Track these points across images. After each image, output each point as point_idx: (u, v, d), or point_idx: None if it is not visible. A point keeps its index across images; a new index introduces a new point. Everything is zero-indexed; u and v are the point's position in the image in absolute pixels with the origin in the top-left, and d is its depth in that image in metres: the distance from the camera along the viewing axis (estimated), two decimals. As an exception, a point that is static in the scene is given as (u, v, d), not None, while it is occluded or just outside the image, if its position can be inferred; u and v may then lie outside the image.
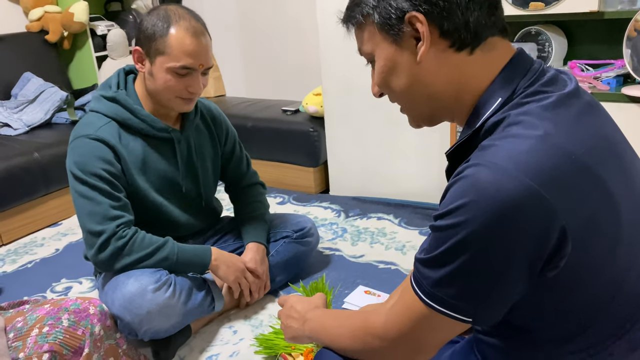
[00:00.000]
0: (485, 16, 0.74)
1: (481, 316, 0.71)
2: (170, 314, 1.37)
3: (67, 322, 1.20)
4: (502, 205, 0.62)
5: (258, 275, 1.58)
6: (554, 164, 0.65)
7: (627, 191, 0.71)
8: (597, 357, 0.74)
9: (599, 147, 0.69)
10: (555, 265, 0.67)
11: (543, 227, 0.64)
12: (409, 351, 0.79)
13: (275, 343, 1.40)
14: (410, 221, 2.19)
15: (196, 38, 1.34)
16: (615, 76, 1.77)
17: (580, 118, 0.70)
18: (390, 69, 0.80)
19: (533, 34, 1.97)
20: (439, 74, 0.77)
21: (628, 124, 1.65)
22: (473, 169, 0.66)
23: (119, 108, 1.41)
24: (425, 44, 0.74)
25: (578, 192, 0.65)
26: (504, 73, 0.75)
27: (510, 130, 0.68)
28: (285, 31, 3.03)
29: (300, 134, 2.52)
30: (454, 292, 0.69)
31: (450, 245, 0.67)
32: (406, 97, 0.82)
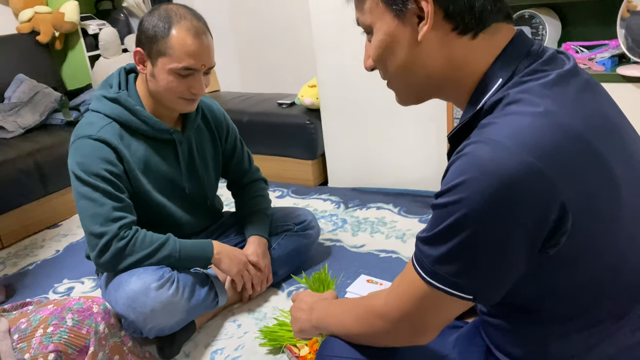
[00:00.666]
0: (491, 2, 0.73)
1: (482, 294, 0.71)
2: (174, 311, 1.37)
3: (71, 322, 1.20)
4: (502, 182, 0.63)
5: (260, 268, 1.58)
6: (554, 140, 0.65)
7: (628, 169, 0.71)
8: (601, 336, 0.74)
9: (599, 124, 0.70)
10: (557, 242, 0.67)
11: (543, 202, 0.64)
12: (411, 331, 0.79)
13: (279, 335, 1.41)
14: (410, 209, 2.19)
15: (198, 38, 1.33)
16: (610, 57, 1.76)
17: (579, 95, 0.70)
18: (388, 44, 0.78)
19: (527, 17, 1.97)
20: (438, 56, 0.76)
21: (625, 103, 1.65)
22: (473, 146, 0.66)
23: (121, 109, 1.40)
24: (428, 24, 0.73)
25: (578, 169, 0.65)
26: (504, 54, 0.75)
27: (510, 108, 0.68)
28: (278, 24, 3.02)
29: (297, 126, 2.51)
30: (455, 270, 0.69)
31: (451, 222, 0.67)
32: (400, 74, 0.80)
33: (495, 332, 0.85)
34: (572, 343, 0.75)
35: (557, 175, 0.63)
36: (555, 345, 0.77)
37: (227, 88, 3.37)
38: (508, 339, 0.83)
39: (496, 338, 0.85)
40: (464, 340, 0.93)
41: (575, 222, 0.66)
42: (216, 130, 1.63)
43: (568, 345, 0.76)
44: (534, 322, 0.77)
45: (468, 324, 1.00)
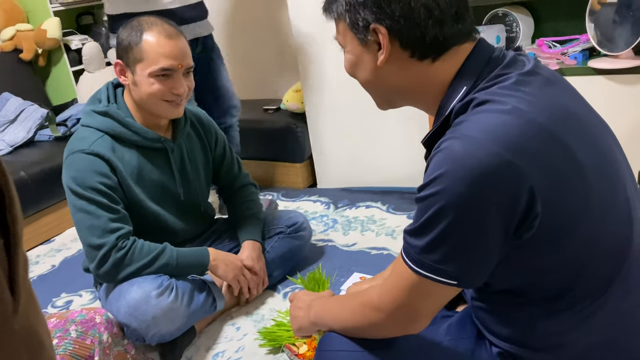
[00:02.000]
0: (446, 31, 0.81)
1: (465, 278, 0.77)
2: (175, 317, 1.41)
3: (75, 333, 1.23)
4: (474, 172, 0.70)
5: (255, 272, 1.62)
6: (519, 131, 0.72)
7: (591, 152, 0.77)
8: (586, 312, 0.79)
9: (561, 116, 0.76)
10: (530, 225, 0.73)
11: (513, 189, 0.71)
12: (404, 319, 0.85)
13: (278, 335, 1.45)
14: (398, 206, 2.25)
15: (170, 39, 1.38)
16: (581, 50, 1.84)
17: (541, 91, 0.78)
18: (355, 63, 0.90)
19: (500, 15, 2.03)
20: (399, 77, 0.86)
21: (597, 95, 1.72)
22: (448, 142, 0.73)
23: (112, 122, 1.44)
24: (384, 54, 0.83)
25: (543, 155, 0.72)
26: (466, 66, 0.82)
27: (479, 107, 0.76)
28: (260, 30, 3.06)
29: (284, 131, 2.56)
30: (438, 257, 0.75)
31: (432, 212, 0.73)
32: (368, 87, 0.92)
33: (485, 315, 0.90)
34: (558, 321, 0.81)
35: (524, 163, 0.70)
36: (542, 324, 0.82)
37: (212, 96, 3.40)
38: (497, 321, 0.88)
39: (485, 320, 0.90)
40: (455, 328, 0.99)
41: (545, 206, 0.72)
42: (205, 137, 1.66)
43: (554, 324, 0.81)
44: (520, 303, 0.83)
45: (458, 313, 1.05)
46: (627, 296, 0.81)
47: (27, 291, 0.36)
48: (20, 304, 0.34)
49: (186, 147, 1.59)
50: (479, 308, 0.92)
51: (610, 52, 1.73)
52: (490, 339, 0.90)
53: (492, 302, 0.88)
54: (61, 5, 3.06)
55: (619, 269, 0.79)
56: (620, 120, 1.71)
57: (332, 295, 1.14)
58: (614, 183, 0.80)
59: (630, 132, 1.72)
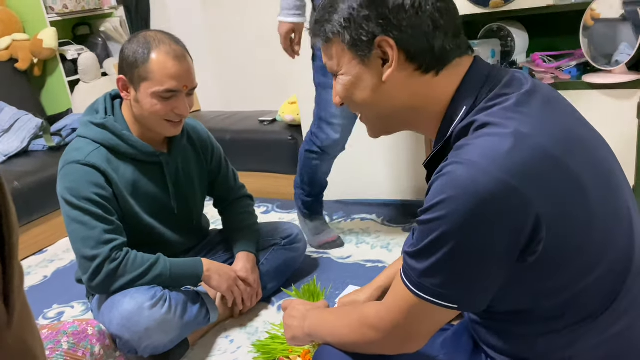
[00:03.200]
0: (450, 41, 0.80)
1: (465, 303, 0.76)
2: (168, 329, 1.39)
3: (67, 345, 1.22)
4: (478, 199, 0.68)
5: (250, 284, 1.61)
6: (524, 157, 0.70)
7: (594, 175, 0.77)
8: (586, 329, 0.79)
9: (563, 137, 0.75)
10: (534, 250, 0.72)
11: (517, 216, 0.69)
12: (401, 340, 0.84)
13: (272, 348, 1.44)
14: (393, 219, 2.25)
15: (177, 61, 1.37)
16: (575, 65, 1.85)
17: (541, 113, 0.77)
18: (354, 84, 0.85)
19: (495, 30, 2.05)
20: (402, 93, 0.83)
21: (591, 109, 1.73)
22: (451, 167, 0.72)
23: (108, 134, 1.43)
24: (392, 67, 0.80)
25: (548, 182, 0.71)
26: (465, 83, 0.81)
27: (482, 130, 0.74)
28: (254, 42, 3.07)
29: (279, 142, 2.56)
30: (439, 282, 0.74)
31: (434, 238, 0.72)
32: (368, 109, 0.88)
33: (483, 330, 0.90)
34: (559, 337, 0.80)
35: (528, 189, 0.69)
36: (542, 340, 0.81)
37: (208, 107, 3.41)
38: (495, 336, 0.87)
39: (483, 334, 0.90)
40: (451, 342, 0.98)
41: (549, 231, 0.71)
42: (201, 150, 1.66)
43: (554, 340, 0.81)
44: (520, 322, 0.82)
45: (454, 326, 1.04)
46: (628, 313, 0.80)
47: (22, 304, 0.35)
48: (14, 318, 0.33)
49: (181, 161, 1.58)
50: (476, 323, 0.91)
51: (604, 67, 1.74)
52: (488, 352, 0.90)
53: (491, 320, 0.87)
54: (57, 15, 3.07)
55: (620, 287, 0.79)
56: (614, 134, 1.72)
57: (327, 307, 1.13)
58: (616, 204, 0.79)
59: (624, 146, 1.73)
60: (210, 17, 3.20)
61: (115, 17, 3.42)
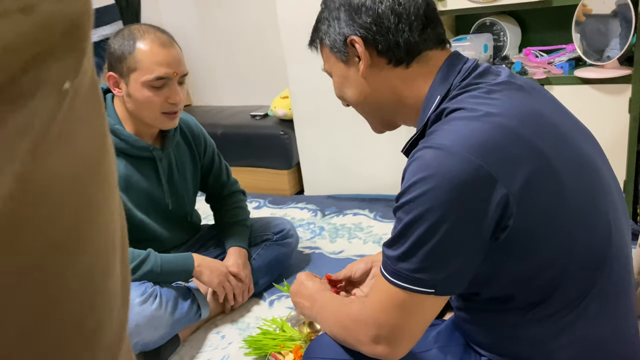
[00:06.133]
0: (416, 35, 0.86)
1: (442, 287, 0.75)
2: (159, 325, 1.38)
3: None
4: (446, 179, 0.71)
5: (241, 279, 1.60)
6: (489, 136, 0.72)
7: (566, 155, 0.77)
8: (568, 319, 0.79)
9: (531, 118, 0.77)
10: (505, 225, 0.73)
11: (485, 193, 0.71)
12: (385, 340, 0.81)
13: (264, 343, 1.43)
14: (385, 214, 2.24)
15: (164, 47, 1.36)
16: (567, 60, 1.86)
17: (511, 98, 0.79)
18: (342, 83, 0.95)
19: (488, 24, 2.05)
20: (382, 86, 0.90)
21: (583, 104, 1.74)
22: (420, 151, 0.75)
23: None
24: (364, 62, 0.88)
25: (514, 159, 0.73)
26: (439, 75, 0.86)
27: (451, 116, 0.78)
28: (247, 37, 3.05)
29: (271, 137, 2.54)
30: (414, 266, 0.74)
31: (407, 221, 0.74)
32: (359, 106, 0.96)
33: (469, 327, 0.90)
34: (541, 329, 0.80)
35: (495, 167, 0.71)
36: (525, 331, 0.82)
37: (199, 102, 3.39)
38: (480, 331, 0.88)
39: (469, 331, 0.90)
40: (444, 336, 0.98)
41: (518, 206, 0.72)
42: (194, 145, 1.64)
43: (536, 331, 0.81)
44: (503, 310, 0.82)
45: (446, 320, 1.04)
46: (607, 303, 0.81)
47: None
48: None
49: (175, 156, 1.57)
50: (462, 320, 0.92)
51: (596, 61, 1.75)
52: (477, 349, 0.90)
53: (475, 312, 0.87)
54: None
55: (598, 274, 0.79)
56: (606, 129, 1.73)
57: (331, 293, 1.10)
58: (592, 186, 0.79)
59: (615, 141, 1.74)
60: (201, 10, 3.18)
61: (105, 10, 3.38)
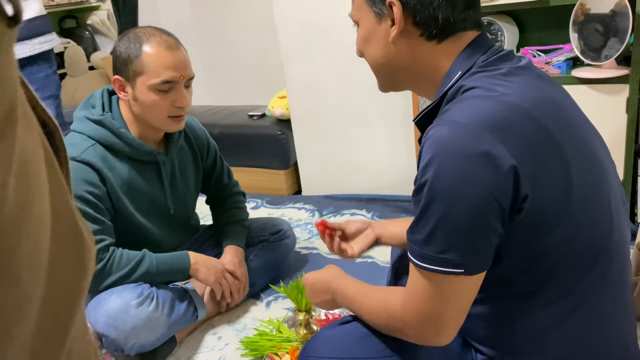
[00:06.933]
0: (457, 14, 0.84)
1: (471, 265, 0.76)
2: (155, 327, 1.38)
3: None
4: (460, 156, 0.72)
5: (237, 277, 1.59)
6: (503, 115, 0.73)
7: (574, 142, 0.79)
8: (563, 310, 0.80)
9: (545, 103, 0.78)
10: (520, 207, 0.74)
11: (499, 169, 0.71)
12: (432, 327, 0.81)
13: (260, 345, 1.43)
14: (383, 214, 2.24)
15: (171, 51, 1.35)
16: (565, 60, 1.85)
17: (527, 82, 0.80)
18: (368, 38, 0.91)
19: (485, 24, 2.04)
20: (407, 55, 0.87)
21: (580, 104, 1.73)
22: (434, 129, 0.76)
23: (105, 132, 1.39)
24: (397, 29, 0.85)
25: (526, 138, 0.73)
26: (465, 52, 0.85)
27: (466, 94, 0.78)
28: (244, 37, 3.05)
29: (269, 137, 2.54)
30: (440, 248, 0.75)
31: (425, 202, 0.74)
32: (376, 65, 0.93)
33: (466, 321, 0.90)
34: (535, 320, 0.81)
35: (508, 145, 0.71)
36: (520, 322, 0.82)
37: (197, 102, 3.37)
38: (477, 323, 0.88)
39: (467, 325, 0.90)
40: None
41: (531, 186, 0.73)
42: (198, 148, 1.64)
43: (532, 322, 0.81)
44: (499, 300, 0.83)
45: None
46: (604, 297, 0.81)
47: None
48: None
49: (178, 160, 1.56)
50: None
51: (593, 61, 1.74)
52: (474, 345, 0.90)
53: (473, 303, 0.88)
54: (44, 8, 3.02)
55: (597, 267, 0.79)
56: (603, 129, 1.72)
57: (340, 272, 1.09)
58: (596, 178, 0.81)
59: (613, 140, 1.73)
60: (199, 10, 3.17)
61: (102, 9, 3.38)
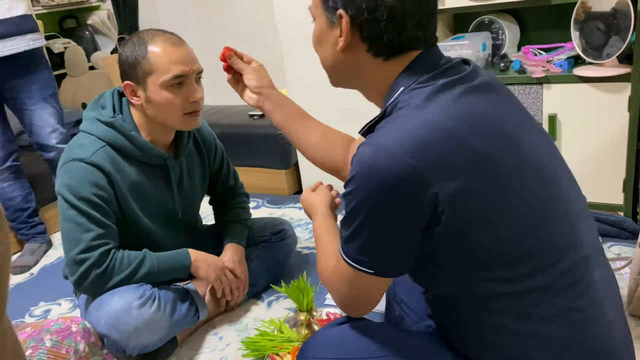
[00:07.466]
0: (404, 36, 0.84)
1: (381, 269, 0.83)
2: (157, 328, 1.37)
3: (50, 343, 1.20)
4: (378, 176, 0.75)
5: (237, 275, 1.59)
6: (427, 137, 0.75)
7: (510, 156, 0.79)
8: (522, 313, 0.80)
9: (474, 121, 0.78)
10: (438, 221, 0.76)
11: (416, 191, 0.75)
12: (346, 302, 0.93)
13: (262, 345, 1.42)
14: (384, 214, 2.23)
15: (176, 46, 1.35)
16: (566, 58, 1.84)
17: (458, 99, 0.80)
18: (320, 39, 0.92)
19: (486, 23, 2.04)
20: (355, 66, 0.89)
21: (582, 102, 1.73)
22: (362, 147, 0.79)
23: (116, 134, 1.38)
24: (343, 42, 0.86)
25: (449, 161, 0.75)
26: (409, 68, 0.86)
27: (398, 112, 0.82)
28: (245, 36, 3.04)
29: (269, 137, 2.53)
30: (357, 247, 0.82)
31: (349, 209, 0.81)
32: (325, 67, 0.95)
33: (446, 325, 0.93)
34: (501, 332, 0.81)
35: (428, 168, 0.74)
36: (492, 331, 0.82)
37: (198, 102, 3.37)
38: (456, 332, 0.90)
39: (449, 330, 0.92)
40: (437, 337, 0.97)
41: (450, 206, 0.75)
42: (205, 151, 1.63)
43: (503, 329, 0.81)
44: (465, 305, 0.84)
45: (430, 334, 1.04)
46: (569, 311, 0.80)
47: None
48: None
49: (186, 164, 1.56)
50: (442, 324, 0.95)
51: (595, 60, 1.74)
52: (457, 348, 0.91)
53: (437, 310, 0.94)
54: (44, 8, 3.02)
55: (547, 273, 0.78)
56: (605, 127, 1.72)
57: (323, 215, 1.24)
58: (538, 187, 0.80)
59: (615, 139, 1.72)
60: (199, 9, 3.17)
61: (102, 9, 3.38)
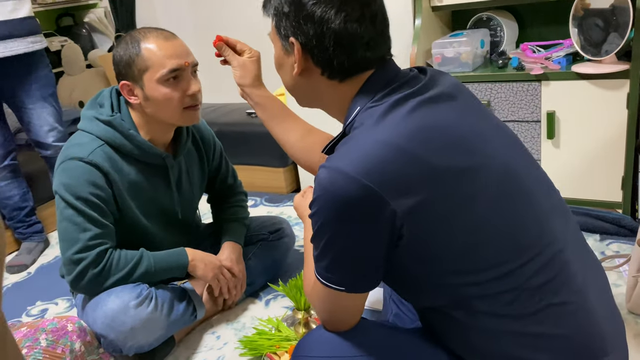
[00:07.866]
0: (353, 59, 0.86)
1: (351, 286, 0.85)
2: (154, 328, 1.36)
3: (45, 342, 1.19)
4: (337, 199, 0.77)
5: (234, 273, 1.58)
6: (378, 157, 0.76)
7: (470, 166, 0.80)
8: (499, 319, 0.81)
9: (430, 136, 0.80)
10: (400, 234, 0.78)
11: (373, 211, 0.77)
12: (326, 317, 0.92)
13: (259, 344, 1.41)
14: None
15: (169, 41, 1.35)
16: (565, 55, 1.84)
17: (410, 115, 0.81)
18: (279, 64, 0.95)
19: (485, 20, 2.03)
20: (313, 89, 0.92)
21: (580, 99, 1.72)
22: (321, 170, 0.80)
23: (114, 133, 1.37)
24: (297, 68, 0.89)
25: (404, 178, 0.76)
26: (364, 88, 0.88)
27: (353, 132, 0.84)
28: (242, 34, 3.03)
29: (267, 135, 2.48)
30: (326, 266, 0.84)
31: (315, 229, 0.83)
32: (288, 90, 0.97)
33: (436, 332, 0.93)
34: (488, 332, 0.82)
35: (382, 187, 0.76)
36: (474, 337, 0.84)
37: (195, 100, 3.36)
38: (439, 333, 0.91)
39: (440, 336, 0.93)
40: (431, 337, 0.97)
41: (409, 221, 0.77)
42: (204, 150, 1.62)
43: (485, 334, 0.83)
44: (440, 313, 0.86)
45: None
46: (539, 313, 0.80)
47: None
48: None
49: (185, 163, 1.55)
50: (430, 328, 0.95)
51: (593, 57, 1.73)
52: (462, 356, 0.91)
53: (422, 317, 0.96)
54: (40, 6, 3.00)
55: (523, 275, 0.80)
56: (604, 124, 1.71)
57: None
58: (505, 192, 0.81)
59: (613, 136, 1.72)
60: (196, 7, 3.15)
61: (99, 7, 3.36)
